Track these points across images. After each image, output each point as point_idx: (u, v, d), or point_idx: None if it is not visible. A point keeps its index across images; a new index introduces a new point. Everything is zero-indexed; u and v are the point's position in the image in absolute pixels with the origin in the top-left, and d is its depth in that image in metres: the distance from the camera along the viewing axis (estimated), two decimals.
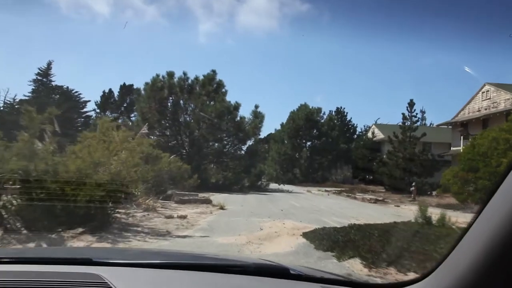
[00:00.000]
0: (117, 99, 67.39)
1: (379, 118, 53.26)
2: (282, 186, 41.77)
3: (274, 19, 67.48)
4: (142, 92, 32.62)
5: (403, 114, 36.40)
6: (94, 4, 62.54)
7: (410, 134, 35.89)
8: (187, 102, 32.22)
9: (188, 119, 32.31)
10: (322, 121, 52.61)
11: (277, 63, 76.10)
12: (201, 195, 24.50)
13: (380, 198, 25.71)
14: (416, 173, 35.07)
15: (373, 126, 51.94)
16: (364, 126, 56.31)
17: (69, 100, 51.73)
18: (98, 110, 64.63)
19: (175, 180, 20.28)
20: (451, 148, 35.15)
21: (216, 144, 33.05)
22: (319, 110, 52.51)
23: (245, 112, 75.31)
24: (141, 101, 32.30)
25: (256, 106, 33.77)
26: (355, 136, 55.84)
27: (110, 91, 68.07)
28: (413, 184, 27.01)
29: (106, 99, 67.54)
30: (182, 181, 20.87)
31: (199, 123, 31.18)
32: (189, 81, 32.83)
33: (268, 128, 73.07)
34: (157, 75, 31.97)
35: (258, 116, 33.11)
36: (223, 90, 33.14)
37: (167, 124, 31.51)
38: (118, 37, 63.30)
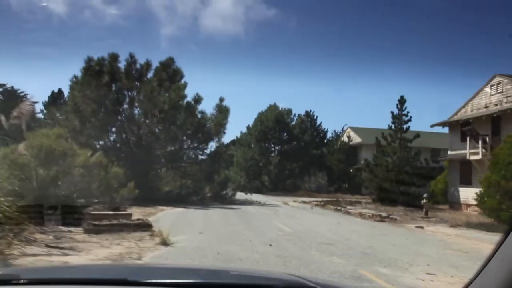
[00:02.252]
0: (67, 99, 58.46)
1: (345, 125, 47.09)
2: (250, 196, 34.39)
3: (239, 24, 60.75)
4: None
5: (392, 112, 29.79)
6: (50, 3, 53.46)
7: (400, 135, 29.33)
8: (133, 91, 24.36)
9: (135, 112, 24.46)
10: (293, 123, 45.71)
11: (242, 68, 69.28)
12: (145, 211, 16.81)
13: (384, 214, 18.81)
14: (410, 182, 28.57)
15: (348, 130, 45.53)
16: (335, 131, 49.83)
17: (14, 100, 43.19)
18: (45, 111, 55.62)
19: (96, 190, 12.54)
20: (449, 152, 28.84)
21: (171, 145, 25.28)
22: (289, 111, 45.68)
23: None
24: (74, 89, 24.25)
25: (221, 99, 26.40)
26: (325, 141, 49.15)
27: (60, 90, 58.99)
28: (424, 196, 20.24)
29: (55, 99, 58.65)
30: (108, 192, 13.11)
31: (148, 117, 23.40)
32: (138, 65, 25.09)
33: (233, 132, 65.65)
34: (98, 58, 24.13)
35: (222, 111, 25.69)
36: (182, 81, 25.61)
37: (107, 118, 23.52)
38: (75, 38, 54.58)
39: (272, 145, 44.83)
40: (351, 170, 42.20)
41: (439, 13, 51.57)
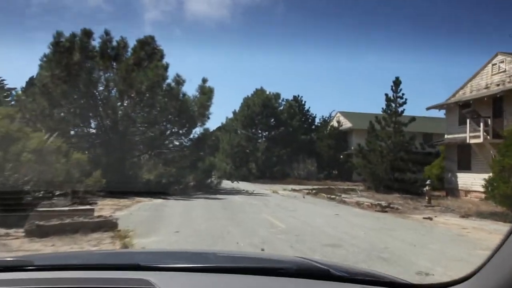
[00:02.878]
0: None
1: (333, 110, 45.17)
2: (236, 184, 32.40)
3: (225, 9, 58.17)
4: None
5: (386, 95, 27.89)
6: None
7: (395, 119, 27.49)
8: (109, 71, 21.95)
9: (110, 94, 22.06)
10: (281, 108, 43.63)
11: (228, 53, 66.68)
12: (119, 203, 14.75)
13: (383, 203, 16.94)
14: (406, 168, 26.84)
15: (338, 114, 43.66)
16: (323, 116, 47.84)
17: None
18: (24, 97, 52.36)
19: (54, 181, 10.37)
20: (446, 136, 27.11)
21: (150, 130, 23.02)
22: (277, 96, 43.53)
23: None
24: (43, 68, 21.77)
25: (204, 80, 24.14)
26: (314, 127, 47.11)
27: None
28: (428, 182, 18.39)
29: (33, 85, 55.41)
30: (69, 182, 10.94)
31: (124, 99, 21.12)
32: (114, 43, 22.65)
33: (219, 118, 62.90)
34: (69, 35, 21.62)
35: (205, 92, 23.45)
36: (163, 61, 23.25)
37: (79, 101, 21.15)
38: (57, 22, 51.42)
39: (259, 131, 42.79)
40: (341, 156, 40.46)
41: None
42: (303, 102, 46.84)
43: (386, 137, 27.42)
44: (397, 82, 27.93)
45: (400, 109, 27.66)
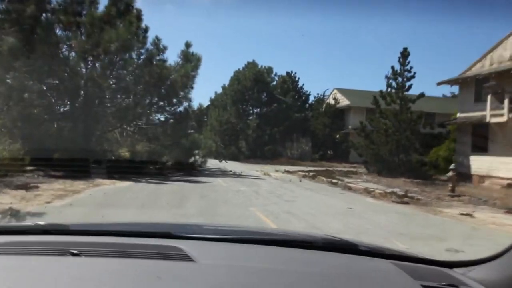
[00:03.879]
0: None
1: (327, 89, 41.59)
2: (224, 164, 28.95)
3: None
4: None
5: (392, 67, 24.29)
6: None
7: (402, 94, 24.02)
8: (72, 28, 18.00)
9: (72, 55, 18.16)
10: (274, 83, 39.91)
11: (221, 26, 62.37)
12: (68, 187, 11.25)
13: (398, 191, 13.58)
14: (413, 149, 23.55)
15: (335, 91, 40.07)
16: (318, 94, 44.13)
17: None
18: None
19: None
20: (458, 115, 23.74)
21: (123, 100, 19.27)
22: (269, 70, 39.78)
23: None
24: None
25: (188, 44, 20.28)
26: (307, 105, 43.40)
27: None
28: (451, 167, 14.95)
29: None
30: None
31: (88, 60, 17.29)
32: None
33: (209, 93, 58.49)
34: None
35: (190, 59, 19.67)
36: (141, 25, 19.37)
37: (34, 62, 17.24)
38: None
39: (250, 107, 39.15)
40: (338, 136, 37.11)
41: None
42: (296, 79, 42.99)
43: (391, 114, 23.95)
44: (405, 54, 24.34)
45: (407, 84, 24.20)
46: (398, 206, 11.04)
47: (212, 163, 28.57)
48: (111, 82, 18.26)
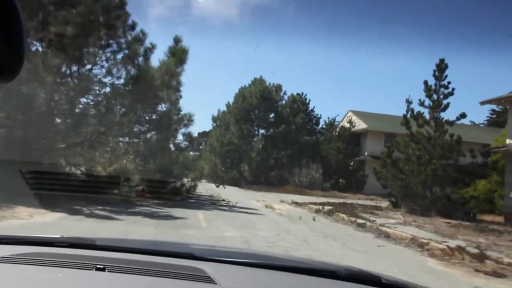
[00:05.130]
0: None
1: (337, 115, 36.94)
2: (221, 190, 24.04)
3: (233, 7, 50.47)
4: None
5: (425, 82, 19.41)
6: None
7: (437, 115, 19.11)
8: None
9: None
10: (282, 102, 35.20)
11: (232, 49, 58.55)
12: None
13: (469, 247, 8.53)
14: (452, 182, 18.49)
15: (350, 114, 35.20)
16: (329, 118, 39.13)
17: None
18: None
19: None
20: (508, 141, 18.68)
21: (82, 96, 14.50)
22: (278, 87, 35.07)
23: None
24: None
25: (177, 40, 15.67)
26: (318, 129, 38.44)
27: None
28: None
29: None
30: None
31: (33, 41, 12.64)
32: None
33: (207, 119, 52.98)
34: None
35: (177, 53, 15.03)
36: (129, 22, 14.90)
37: None
38: None
39: (256, 128, 34.27)
40: (352, 163, 32.04)
41: None
42: (307, 101, 38.10)
43: (424, 139, 18.96)
44: (441, 67, 19.47)
45: (445, 102, 19.30)
46: (496, 284, 5.97)
47: (207, 187, 23.64)
48: (70, 80, 13.54)
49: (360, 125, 33.03)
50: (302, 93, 37.59)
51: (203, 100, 65.89)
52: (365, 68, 57.69)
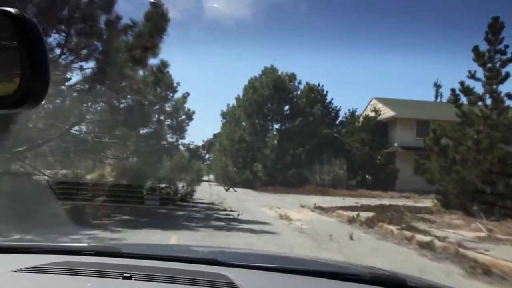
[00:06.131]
0: None
1: (356, 109, 32.40)
2: (230, 194, 19.97)
3: (246, 7, 46.58)
4: None
5: (475, 48, 14.80)
6: None
7: (495, 88, 14.51)
8: None
9: None
10: (298, 93, 30.85)
11: (248, 52, 54.62)
12: None
13: None
14: None
15: (374, 101, 30.61)
16: (349, 110, 34.43)
17: None
18: None
19: None
20: None
21: None
22: (292, 76, 30.74)
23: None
24: None
25: (155, 4, 11.64)
26: (337, 122, 33.79)
27: None
28: None
29: None
30: None
31: None
32: None
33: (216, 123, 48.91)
34: None
35: (151, 19, 11.00)
36: None
37: None
38: None
39: (269, 122, 29.98)
40: (379, 156, 27.47)
41: None
42: (324, 92, 33.51)
43: (479, 119, 14.40)
44: (495, 26, 14.83)
45: (504, 71, 14.68)
46: None
47: (213, 192, 19.57)
48: None
49: (386, 113, 28.42)
50: (319, 84, 33.17)
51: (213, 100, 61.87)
52: (386, 54, 52.64)
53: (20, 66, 0.69)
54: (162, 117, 13.78)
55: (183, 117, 16.97)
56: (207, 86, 66.01)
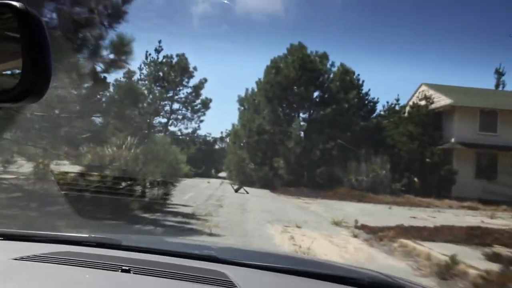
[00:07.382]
0: None
1: (398, 100, 25.92)
2: (241, 195, 14.74)
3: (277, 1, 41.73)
4: None
5: None
6: None
7: None
8: None
9: None
10: (330, 76, 25.10)
11: (278, 46, 49.26)
12: None
13: None
14: None
15: (423, 87, 24.43)
16: (387, 102, 28.19)
17: None
18: None
19: None
20: None
21: None
22: (324, 56, 24.98)
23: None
24: None
25: None
26: (374, 115, 27.64)
27: None
28: None
29: None
30: None
31: None
32: None
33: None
34: None
35: None
36: None
37: None
38: None
39: (295, 109, 24.36)
40: (431, 154, 21.41)
41: None
42: (360, 82, 27.41)
43: None
44: None
45: None
46: None
47: (218, 192, 14.36)
48: None
49: (440, 100, 22.27)
50: (354, 73, 27.20)
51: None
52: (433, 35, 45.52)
53: (22, 60, 0.67)
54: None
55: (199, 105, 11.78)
56: (227, 73, 60.57)
